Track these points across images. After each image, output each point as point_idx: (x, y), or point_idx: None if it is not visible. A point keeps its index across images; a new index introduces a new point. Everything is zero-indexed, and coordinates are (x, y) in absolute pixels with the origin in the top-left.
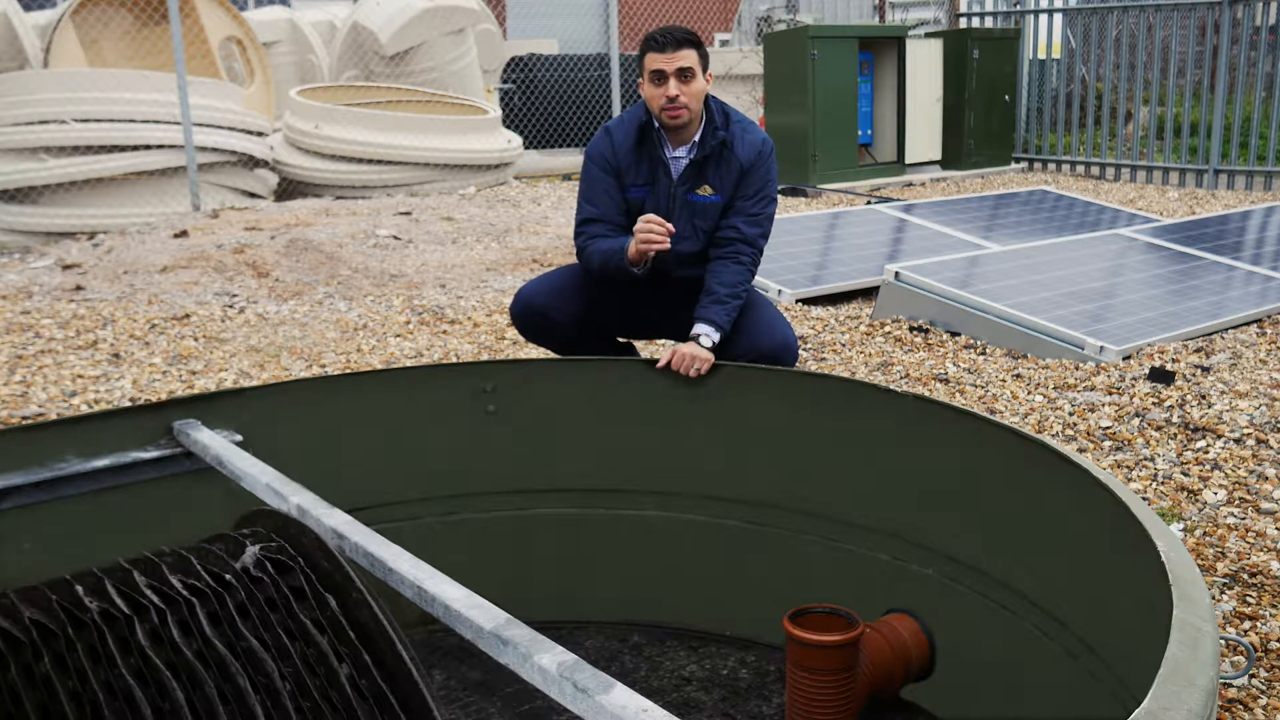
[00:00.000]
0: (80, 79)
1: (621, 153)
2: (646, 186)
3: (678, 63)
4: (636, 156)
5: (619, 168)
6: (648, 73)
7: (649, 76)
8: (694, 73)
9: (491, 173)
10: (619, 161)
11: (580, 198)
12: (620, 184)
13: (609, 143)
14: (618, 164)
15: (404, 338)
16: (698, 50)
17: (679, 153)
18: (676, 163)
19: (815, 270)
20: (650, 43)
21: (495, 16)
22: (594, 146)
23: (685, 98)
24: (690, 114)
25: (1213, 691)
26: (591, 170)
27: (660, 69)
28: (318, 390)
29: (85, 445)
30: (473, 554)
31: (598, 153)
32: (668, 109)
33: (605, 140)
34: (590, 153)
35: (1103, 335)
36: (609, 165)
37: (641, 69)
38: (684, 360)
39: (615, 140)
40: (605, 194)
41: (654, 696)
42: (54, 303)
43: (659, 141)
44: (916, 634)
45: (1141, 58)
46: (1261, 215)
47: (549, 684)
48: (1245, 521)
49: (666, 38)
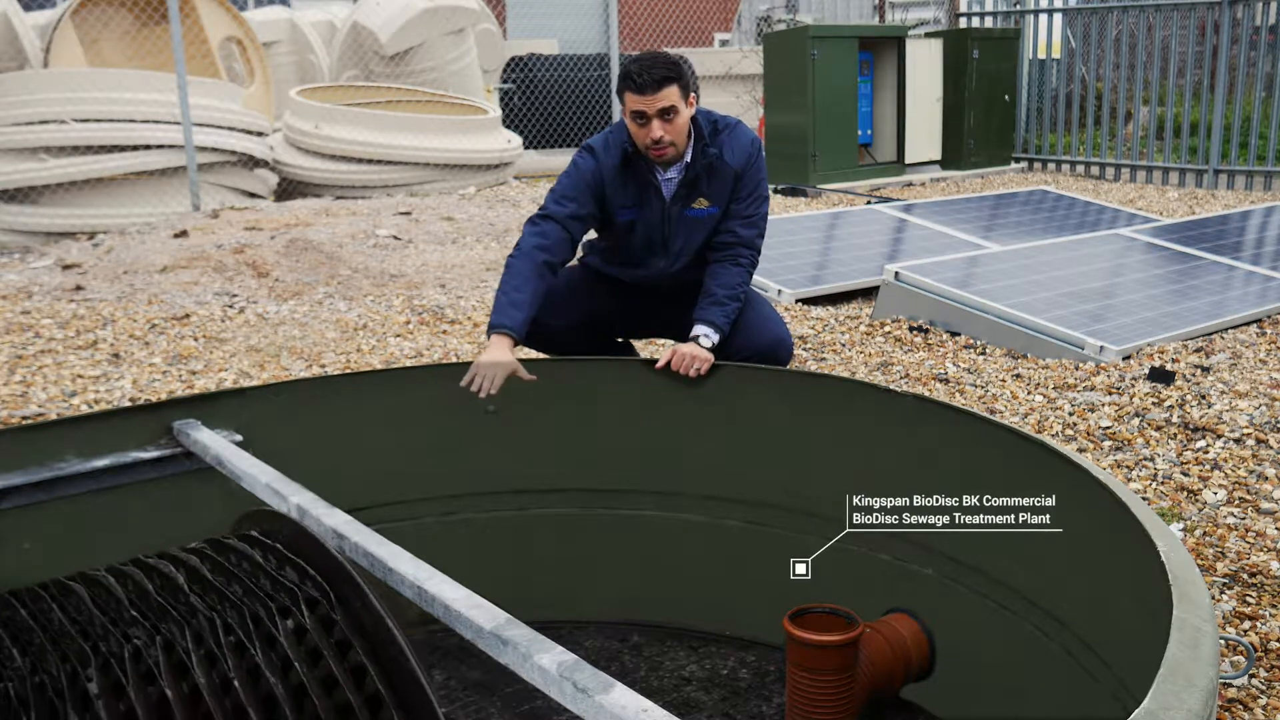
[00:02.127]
0: (80, 79)
1: (608, 175)
2: (635, 208)
3: (659, 104)
4: (623, 180)
5: (605, 189)
6: (628, 111)
7: (629, 115)
8: (677, 110)
9: (491, 173)
10: (605, 183)
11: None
12: (606, 204)
13: (595, 162)
14: (604, 184)
15: (404, 338)
16: (679, 83)
17: (670, 174)
18: (668, 184)
19: (815, 270)
20: (628, 81)
21: (495, 16)
22: (582, 159)
23: (669, 136)
24: (677, 150)
25: (1213, 691)
26: (574, 174)
27: (641, 110)
28: (318, 390)
29: (85, 445)
30: (473, 554)
31: (587, 167)
32: (653, 149)
33: (590, 160)
34: (578, 162)
35: (1102, 335)
36: (595, 181)
37: (622, 101)
38: (684, 360)
39: (601, 162)
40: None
41: (654, 696)
42: (54, 303)
43: (648, 166)
44: (916, 634)
45: (1141, 58)
46: (1261, 215)
47: (549, 684)
48: (1245, 521)
49: (645, 78)
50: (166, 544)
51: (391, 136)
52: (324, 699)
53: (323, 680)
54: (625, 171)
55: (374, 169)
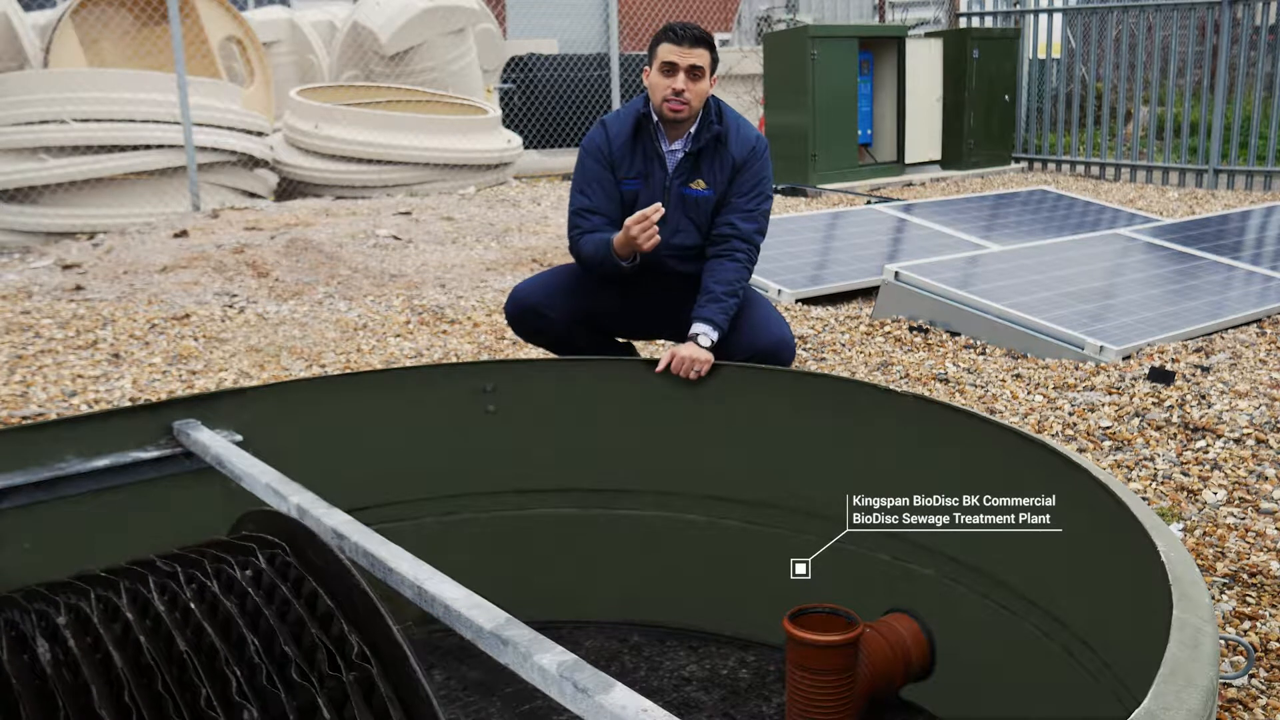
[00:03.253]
0: (80, 79)
1: (616, 145)
2: (640, 179)
3: (690, 59)
4: (631, 149)
5: (613, 160)
6: (659, 62)
7: (659, 66)
8: (704, 72)
9: (491, 173)
10: (613, 154)
11: (574, 189)
12: (614, 176)
13: (604, 135)
14: (612, 156)
15: (404, 338)
16: (711, 52)
17: (675, 146)
18: (672, 156)
19: (815, 270)
20: (668, 33)
21: (495, 16)
22: (589, 139)
23: (690, 94)
24: (691, 111)
25: (1213, 691)
26: (586, 162)
27: (673, 61)
28: (318, 390)
29: (85, 445)
30: (473, 554)
31: (594, 145)
32: (671, 101)
33: (600, 133)
34: (585, 145)
35: (1102, 335)
36: (603, 157)
37: (652, 57)
38: (683, 364)
39: (610, 133)
40: (599, 186)
41: (654, 696)
42: (54, 303)
43: (655, 135)
44: (916, 634)
45: (1141, 58)
46: (1261, 215)
47: (549, 684)
48: (1245, 521)
49: (684, 32)
50: (166, 544)
51: (391, 136)
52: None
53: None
54: (634, 141)
55: (374, 169)
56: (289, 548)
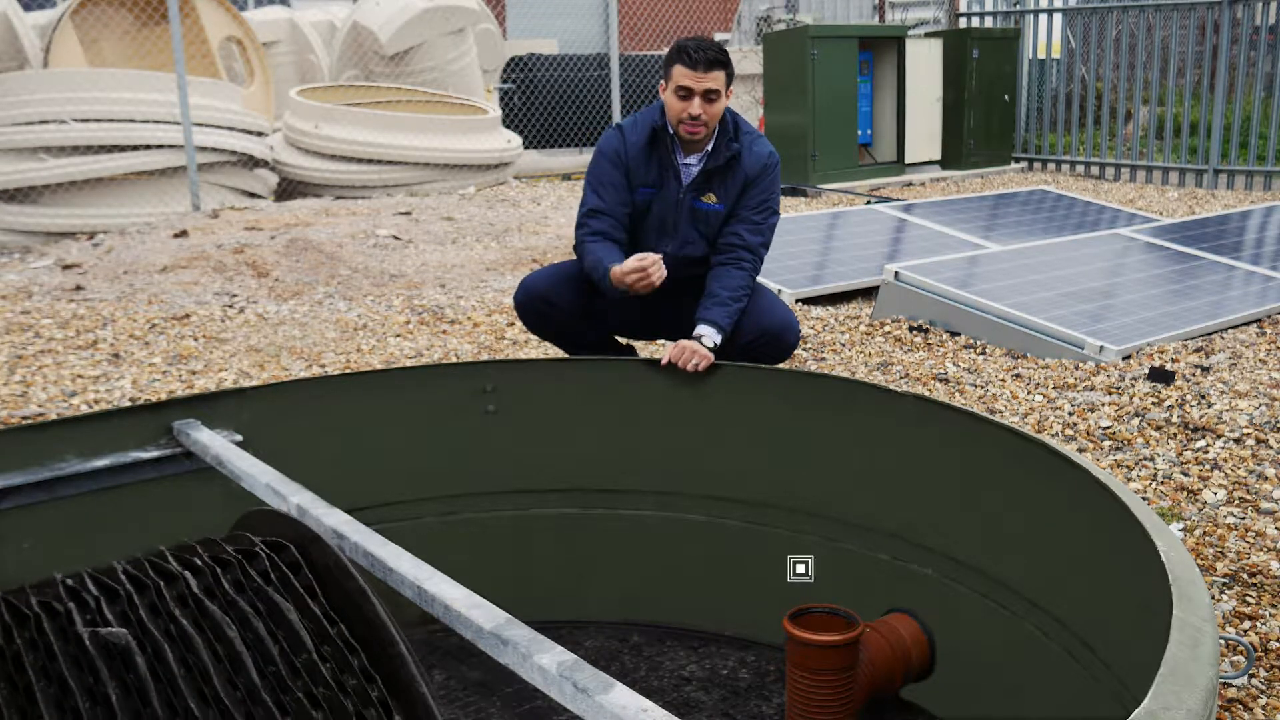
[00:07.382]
0: (80, 79)
1: (632, 152)
2: (654, 189)
3: (706, 84)
4: (647, 158)
5: (629, 166)
6: (674, 85)
7: (674, 89)
8: (719, 94)
9: (491, 173)
10: (629, 160)
11: (586, 188)
12: (628, 181)
13: (621, 140)
14: (628, 162)
15: (404, 338)
16: (726, 71)
17: (691, 160)
18: (688, 169)
19: (815, 270)
20: (683, 55)
21: (495, 16)
22: (606, 141)
23: (706, 117)
24: (707, 131)
25: (1213, 691)
26: (601, 163)
27: (689, 86)
28: (318, 390)
29: (85, 445)
30: (473, 554)
31: (610, 148)
32: (687, 124)
33: (617, 137)
34: (601, 146)
35: (1102, 335)
36: (619, 161)
37: (667, 75)
38: (683, 352)
39: (628, 139)
40: (612, 188)
41: (654, 696)
42: (54, 303)
43: (672, 147)
44: (916, 634)
45: (1141, 58)
46: (1261, 215)
47: (549, 684)
48: (1245, 521)
49: (700, 55)
50: (166, 544)
51: (391, 136)
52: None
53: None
54: (650, 151)
55: (374, 169)
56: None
